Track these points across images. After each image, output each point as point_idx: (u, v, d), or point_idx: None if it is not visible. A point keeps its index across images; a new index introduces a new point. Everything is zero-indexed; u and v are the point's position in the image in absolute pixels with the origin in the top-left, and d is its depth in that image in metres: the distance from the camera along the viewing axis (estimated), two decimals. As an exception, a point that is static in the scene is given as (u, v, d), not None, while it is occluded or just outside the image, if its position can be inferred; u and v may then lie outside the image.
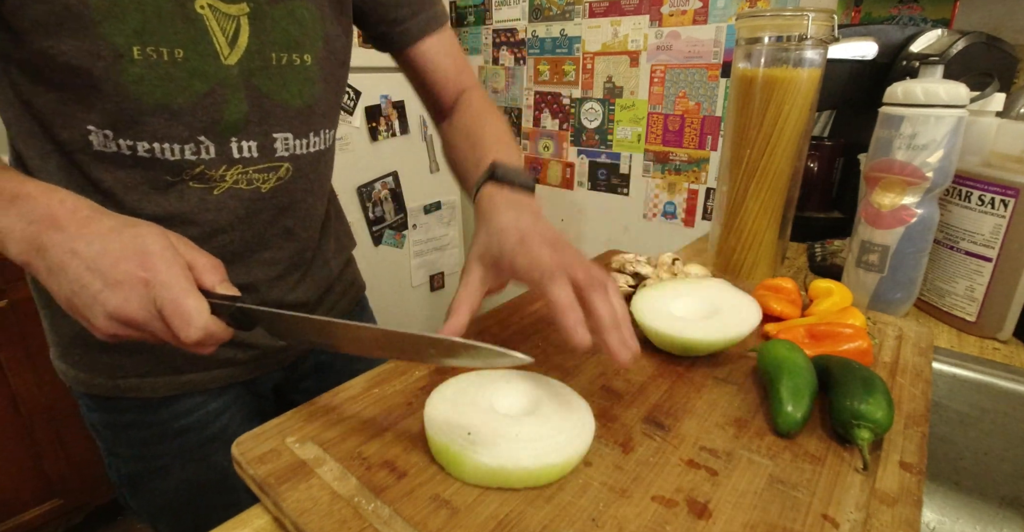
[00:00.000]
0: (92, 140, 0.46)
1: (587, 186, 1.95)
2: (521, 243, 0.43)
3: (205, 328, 0.35)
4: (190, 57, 0.45)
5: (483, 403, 0.40)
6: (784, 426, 0.41)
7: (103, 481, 1.42)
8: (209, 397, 0.60)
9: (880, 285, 0.64)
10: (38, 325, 1.25)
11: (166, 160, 0.48)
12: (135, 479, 0.61)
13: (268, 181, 0.53)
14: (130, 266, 0.34)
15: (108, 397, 0.57)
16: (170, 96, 0.46)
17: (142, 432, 0.59)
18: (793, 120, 0.65)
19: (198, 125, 0.48)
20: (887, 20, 1.17)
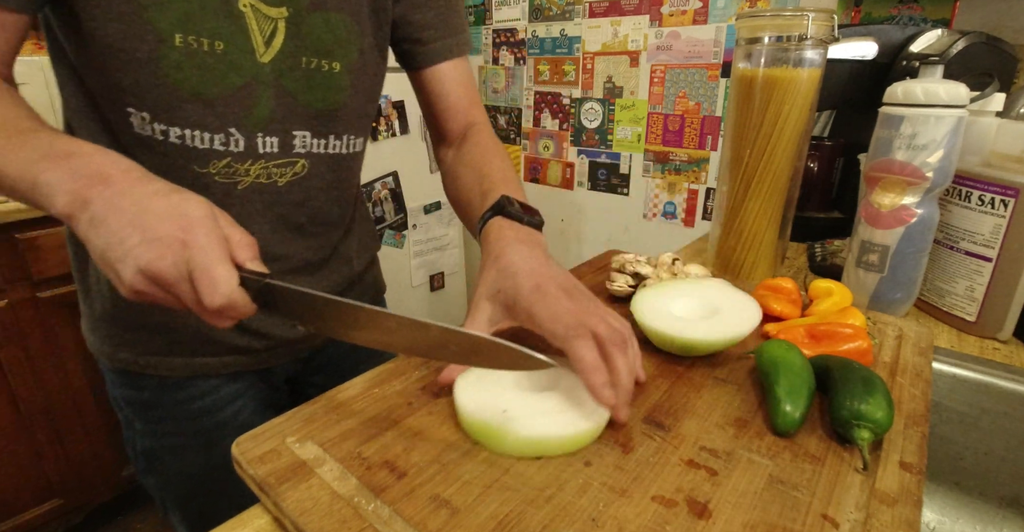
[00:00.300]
0: (132, 122, 0.48)
1: (587, 186, 1.95)
2: (538, 290, 0.43)
3: (230, 297, 0.35)
4: (229, 51, 0.48)
5: (507, 383, 0.43)
6: (783, 426, 0.41)
7: (103, 481, 1.42)
8: (223, 382, 0.62)
9: (880, 285, 0.64)
10: (38, 325, 1.25)
11: (195, 148, 0.50)
12: (149, 455, 0.64)
13: (284, 176, 0.55)
14: (170, 227, 0.35)
15: (130, 373, 0.60)
16: (206, 85, 0.48)
17: (159, 411, 0.62)
18: (793, 120, 0.65)
19: (230, 117, 0.50)
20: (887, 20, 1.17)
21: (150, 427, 0.63)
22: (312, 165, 0.57)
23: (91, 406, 1.35)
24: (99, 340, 0.60)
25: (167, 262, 0.35)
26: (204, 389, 0.62)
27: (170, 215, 0.36)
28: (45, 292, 1.23)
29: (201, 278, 0.35)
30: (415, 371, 0.49)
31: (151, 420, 0.63)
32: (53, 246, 1.22)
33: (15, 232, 1.17)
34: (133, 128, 0.49)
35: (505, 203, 0.53)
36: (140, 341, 0.58)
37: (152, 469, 0.65)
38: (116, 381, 0.63)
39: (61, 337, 1.27)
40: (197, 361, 0.60)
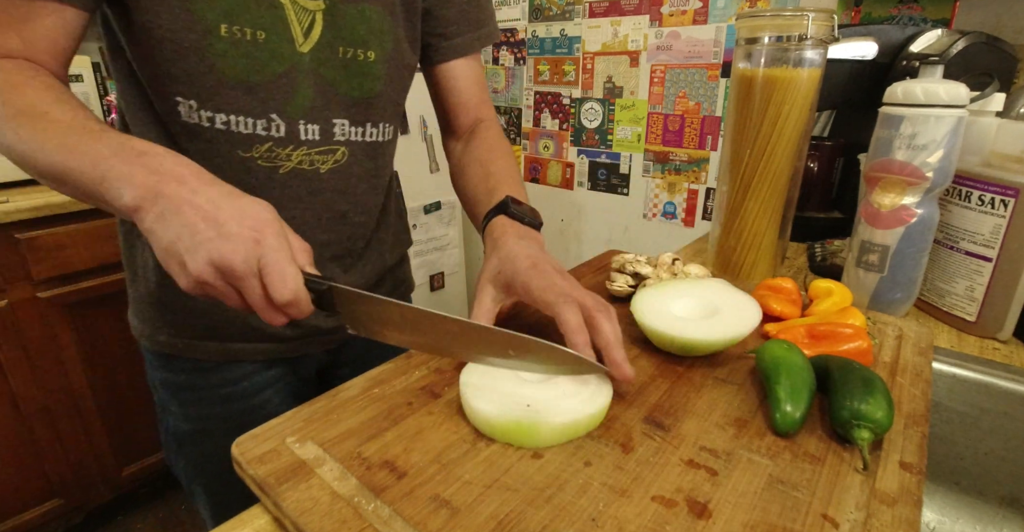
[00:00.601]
0: (180, 110, 0.51)
1: (587, 186, 1.95)
2: (534, 267, 0.48)
3: (296, 293, 0.38)
4: (270, 39, 0.51)
5: (511, 381, 0.43)
6: (783, 426, 0.41)
7: (103, 481, 1.42)
8: (256, 369, 0.65)
9: (880, 285, 0.64)
10: (38, 325, 1.25)
11: (239, 133, 0.53)
12: (180, 438, 0.67)
13: (326, 163, 0.58)
14: (243, 225, 0.38)
15: (168, 355, 0.63)
16: (249, 73, 0.51)
17: (193, 394, 0.65)
18: (793, 120, 0.65)
19: (271, 103, 0.53)
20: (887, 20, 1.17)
21: (183, 410, 0.66)
22: (351, 153, 0.60)
23: (91, 406, 1.35)
24: (141, 323, 0.63)
25: (239, 257, 0.37)
26: (238, 374, 0.64)
27: (243, 215, 0.38)
28: (45, 292, 1.23)
29: (272, 274, 0.37)
30: (415, 371, 0.49)
31: (185, 403, 0.66)
32: (53, 246, 1.22)
33: (15, 232, 1.17)
34: (180, 116, 0.52)
35: (509, 203, 0.57)
36: (178, 324, 0.61)
37: (182, 451, 0.68)
38: (155, 363, 0.66)
39: (61, 337, 1.27)
40: (231, 346, 0.62)
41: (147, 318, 0.63)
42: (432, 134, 1.87)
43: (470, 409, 0.41)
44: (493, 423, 0.40)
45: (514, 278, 0.49)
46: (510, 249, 0.51)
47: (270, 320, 0.40)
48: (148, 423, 1.47)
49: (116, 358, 1.38)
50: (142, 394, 1.44)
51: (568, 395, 0.42)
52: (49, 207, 1.19)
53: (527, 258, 0.50)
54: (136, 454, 1.47)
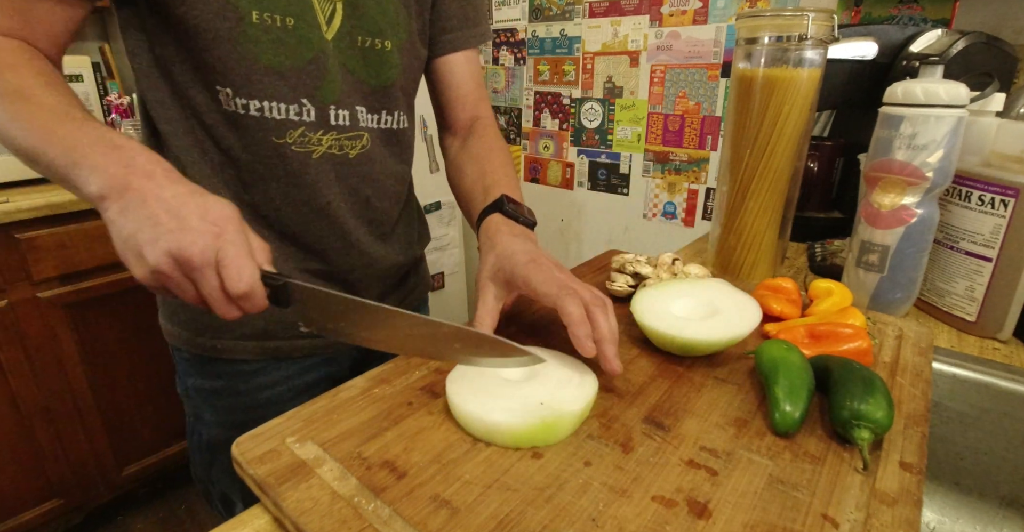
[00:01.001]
0: (222, 99, 0.53)
1: (587, 186, 1.95)
2: (533, 262, 0.49)
3: (251, 286, 0.39)
4: (299, 26, 0.52)
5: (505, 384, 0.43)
6: (782, 426, 0.41)
7: (103, 481, 1.42)
8: (295, 373, 0.66)
9: (880, 285, 0.64)
10: (38, 325, 1.25)
11: (272, 118, 0.54)
12: (216, 447, 0.67)
13: (355, 148, 0.60)
14: (206, 220, 0.39)
15: (206, 359, 0.63)
16: (279, 58, 0.52)
17: (232, 399, 0.65)
18: (793, 120, 0.65)
19: (301, 88, 0.54)
20: (887, 20, 1.17)
21: (219, 417, 0.66)
22: (373, 139, 0.61)
23: (91, 406, 1.35)
24: (175, 326, 0.63)
25: (197, 248, 0.38)
26: (277, 378, 0.65)
27: (205, 211, 0.39)
28: (45, 292, 1.23)
29: (228, 266, 0.38)
30: (415, 371, 0.49)
31: (222, 409, 0.66)
32: (53, 246, 1.22)
33: (15, 232, 1.17)
34: (222, 105, 0.53)
35: (504, 201, 0.58)
36: (218, 325, 0.62)
37: (216, 460, 0.68)
38: (190, 370, 0.65)
39: (61, 337, 1.27)
40: (271, 344, 0.63)
41: (183, 321, 0.63)
42: (432, 134, 1.86)
43: (490, 426, 0.39)
44: (518, 429, 0.39)
45: (514, 273, 0.50)
46: (506, 246, 0.52)
47: (223, 313, 0.40)
48: (148, 423, 1.47)
49: (116, 358, 1.38)
50: (142, 394, 1.44)
51: (565, 383, 0.42)
52: (49, 207, 1.19)
53: (525, 254, 0.51)
54: (136, 454, 1.47)
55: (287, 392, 0.66)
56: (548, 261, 0.50)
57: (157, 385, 1.46)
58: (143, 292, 1.39)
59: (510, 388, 0.43)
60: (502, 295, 0.52)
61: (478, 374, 0.44)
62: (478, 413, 0.40)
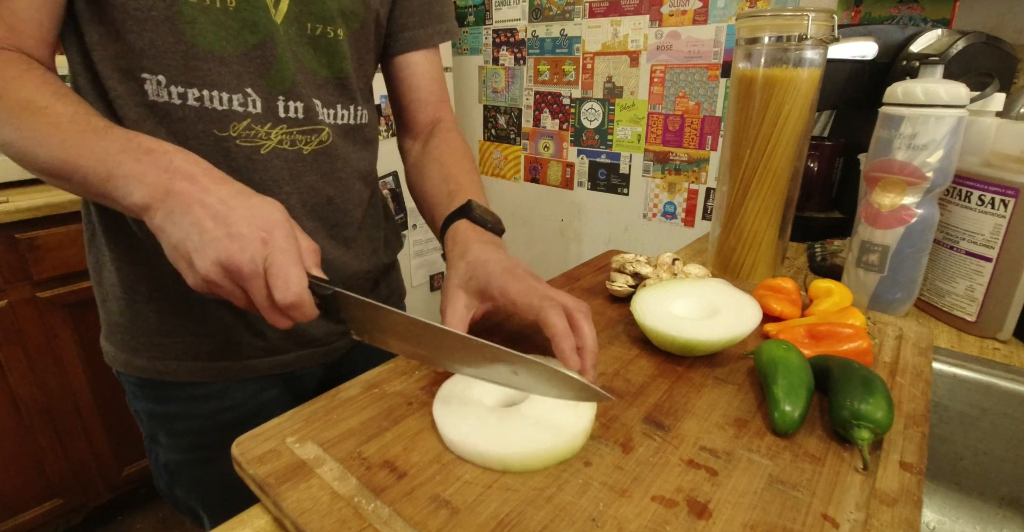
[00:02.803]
0: (147, 89, 0.48)
1: (587, 186, 1.95)
2: (509, 272, 0.47)
3: (300, 295, 0.37)
4: (241, 8, 0.48)
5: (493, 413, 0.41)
6: (782, 425, 0.41)
7: (103, 481, 1.42)
8: (254, 392, 0.62)
9: (880, 285, 0.64)
10: (38, 325, 1.25)
11: (214, 109, 0.50)
12: (174, 469, 0.63)
13: (310, 143, 0.56)
14: (252, 226, 0.37)
15: (152, 383, 0.59)
16: (220, 43, 0.48)
17: (189, 423, 0.61)
18: (793, 120, 0.65)
19: (246, 76, 0.50)
20: (887, 20, 1.17)
21: (175, 440, 0.62)
22: (333, 134, 0.58)
23: (91, 406, 1.35)
24: (115, 348, 0.59)
25: (246, 256, 0.37)
26: (236, 399, 0.61)
27: (252, 215, 0.38)
28: (45, 292, 1.23)
29: (277, 275, 0.37)
30: (415, 371, 0.49)
31: (177, 433, 0.61)
32: (53, 246, 1.22)
33: (15, 232, 1.17)
34: (148, 96, 0.49)
35: (471, 207, 0.55)
36: (157, 345, 0.57)
37: (177, 482, 0.64)
38: (137, 394, 0.61)
39: (61, 337, 1.27)
40: (219, 365, 0.59)
41: (121, 342, 0.58)
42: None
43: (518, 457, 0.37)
44: (546, 457, 0.38)
45: (489, 283, 0.47)
46: (477, 254, 0.50)
47: (275, 322, 0.39)
48: (148, 423, 1.47)
49: (116, 358, 1.38)
50: (142, 394, 1.44)
51: (560, 404, 0.41)
52: (49, 207, 1.19)
53: (499, 263, 0.48)
54: (136, 454, 1.47)
55: (252, 409, 0.61)
56: (524, 270, 0.48)
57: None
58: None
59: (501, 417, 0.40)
60: (473, 305, 0.49)
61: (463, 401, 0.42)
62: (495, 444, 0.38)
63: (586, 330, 0.44)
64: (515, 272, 0.47)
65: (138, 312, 0.57)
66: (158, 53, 0.47)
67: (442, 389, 0.44)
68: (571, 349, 0.43)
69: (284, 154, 0.54)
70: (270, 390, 0.63)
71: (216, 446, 0.60)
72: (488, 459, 0.37)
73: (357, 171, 0.62)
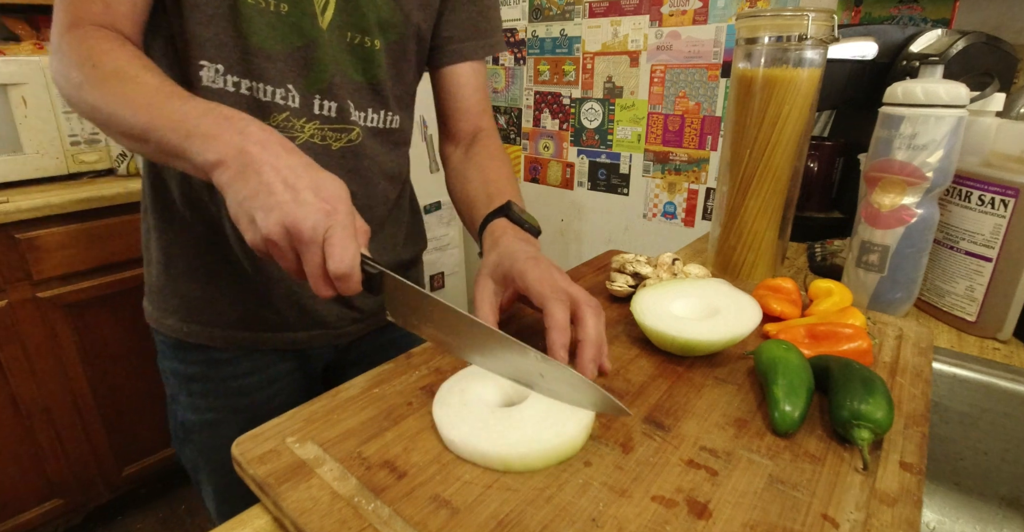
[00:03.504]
0: (203, 75, 0.54)
1: (587, 186, 1.95)
2: (533, 260, 0.49)
3: (352, 268, 0.39)
4: (291, 13, 0.54)
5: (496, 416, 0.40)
6: (782, 425, 0.41)
7: (103, 481, 1.42)
8: (267, 364, 0.67)
9: (880, 285, 0.64)
10: (38, 325, 1.25)
11: (260, 100, 0.56)
12: (189, 428, 0.69)
13: (339, 141, 0.60)
14: (320, 196, 0.40)
15: (179, 343, 0.65)
16: (270, 42, 0.54)
17: (204, 385, 0.67)
18: (793, 120, 0.65)
19: (288, 74, 0.56)
20: (887, 20, 1.17)
21: (192, 400, 0.67)
22: (364, 135, 0.62)
23: (91, 406, 1.35)
24: (153, 307, 0.66)
25: (309, 223, 0.38)
26: (248, 368, 0.66)
27: (319, 187, 0.40)
28: (45, 292, 1.23)
29: (335, 245, 0.39)
30: (415, 371, 0.49)
31: (194, 393, 0.67)
32: (53, 246, 1.22)
33: (15, 232, 1.17)
34: (203, 81, 0.54)
35: (510, 207, 0.58)
36: (184, 309, 0.63)
37: (189, 440, 0.69)
38: (166, 353, 0.67)
39: (61, 337, 1.27)
40: (235, 334, 0.64)
41: (157, 302, 0.65)
42: (432, 134, 1.86)
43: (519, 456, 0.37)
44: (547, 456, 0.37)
45: (512, 268, 0.49)
46: (509, 245, 0.52)
47: (318, 290, 0.41)
48: (148, 423, 1.47)
49: (116, 358, 1.38)
50: (142, 394, 1.44)
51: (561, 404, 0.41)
52: (49, 207, 1.19)
53: (526, 253, 0.50)
54: (136, 454, 1.47)
55: (259, 381, 0.67)
56: (548, 262, 0.50)
57: (157, 385, 1.45)
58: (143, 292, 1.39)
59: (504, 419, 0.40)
60: (500, 291, 0.52)
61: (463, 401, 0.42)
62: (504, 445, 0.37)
63: (590, 323, 0.44)
64: (539, 260, 0.49)
65: (172, 278, 0.63)
66: (220, 45, 0.53)
67: (442, 389, 0.44)
68: (562, 345, 0.43)
69: (314, 147, 0.59)
70: (280, 365, 0.68)
71: (225, 410, 0.67)
72: (490, 459, 0.37)
73: (383, 171, 0.66)
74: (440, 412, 0.41)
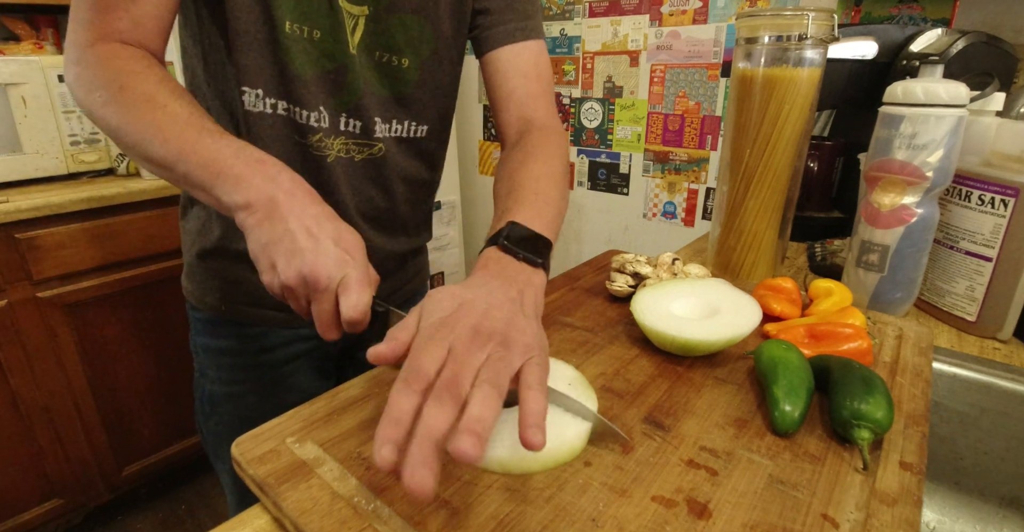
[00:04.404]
0: (245, 100, 0.56)
1: (587, 186, 1.95)
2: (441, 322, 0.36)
3: (365, 313, 0.40)
4: (324, 39, 0.56)
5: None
6: (782, 425, 0.41)
7: (103, 481, 1.42)
8: (289, 340, 0.70)
9: (880, 285, 0.64)
10: (38, 325, 1.25)
11: (297, 122, 0.58)
12: (215, 400, 0.72)
13: (362, 153, 0.63)
14: (339, 246, 0.41)
15: (214, 320, 0.68)
16: (304, 67, 0.56)
17: (233, 358, 0.70)
18: (793, 120, 0.65)
19: (320, 97, 0.58)
20: (887, 20, 1.17)
21: (220, 373, 0.70)
22: (388, 147, 0.64)
23: (91, 406, 1.35)
24: (192, 285, 0.68)
25: (327, 272, 0.39)
26: (274, 342, 0.69)
27: (339, 237, 0.42)
28: (45, 292, 1.23)
29: (350, 292, 0.39)
30: (415, 371, 0.49)
31: (223, 367, 0.70)
32: (53, 246, 1.22)
33: (15, 232, 1.17)
34: (244, 105, 0.56)
35: (507, 232, 0.47)
36: (225, 288, 0.66)
37: (214, 413, 0.72)
38: (200, 328, 0.70)
39: (61, 337, 1.27)
40: (272, 314, 0.67)
41: (197, 281, 0.68)
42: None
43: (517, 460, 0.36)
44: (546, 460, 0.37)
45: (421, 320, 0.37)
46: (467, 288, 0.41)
47: (325, 333, 0.42)
48: (148, 423, 1.47)
49: (116, 358, 1.38)
50: (142, 394, 1.44)
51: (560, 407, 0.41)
52: (49, 207, 1.19)
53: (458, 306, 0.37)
54: (136, 454, 1.47)
55: (282, 357, 0.70)
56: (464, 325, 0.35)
57: (157, 385, 1.46)
58: (143, 292, 1.39)
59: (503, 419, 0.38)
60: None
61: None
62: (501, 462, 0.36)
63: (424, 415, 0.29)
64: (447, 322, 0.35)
65: (212, 259, 0.66)
66: (259, 70, 0.55)
67: None
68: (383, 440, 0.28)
69: (341, 161, 0.61)
70: (300, 343, 0.71)
71: (250, 382, 0.71)
72: (488, 462, 0.37)
73: (406, 177, 0.68)
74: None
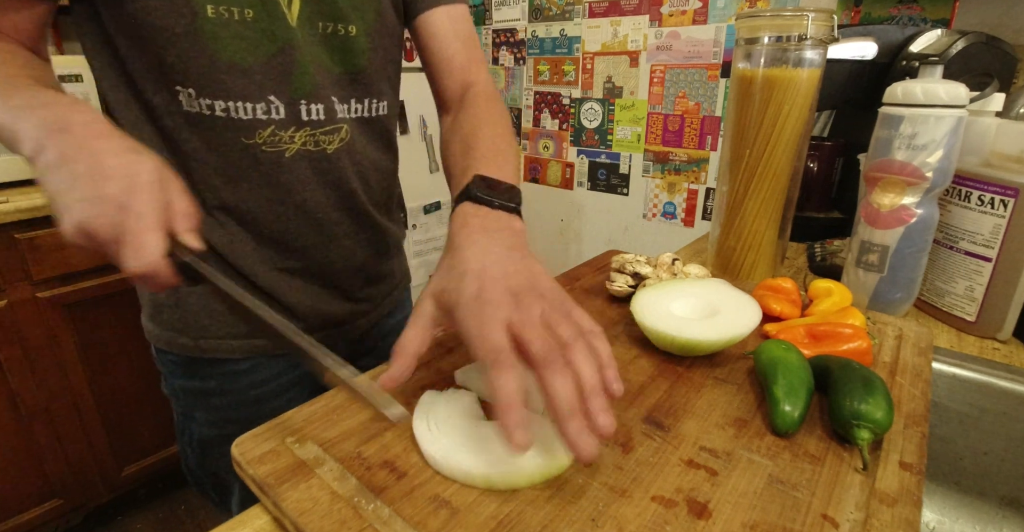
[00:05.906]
0: (182, 100, 0.51)
1: (587, 186, 1.95)
2: (477, 299, 0.37)
3: (151, 266, 0.36)
4: (259, 18, 0.50)
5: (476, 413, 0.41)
6: (782, 425, 0.41)
7: (103, 481, 1.42)
8: (282, 371, 0.65)
9: (880, 285, 0.64)
10: (38, 325, 1.25)
11: (239, 119, 0.52)
12: (206, 444, 0.66)
13: (332, 143, 0.57)
14: (114, 188, 0.36)
15: (192, 360, 0.62)
16: (242, 54, 0.50)
17: (223, 398, 0.64)
18: (793, 120, 0.65)
19: (268, 85, 0.52)
20: (887, 20, 1.17)
21: (210, 415, 0.65)
22: (351, 130, 0.58)
23: (91, 406, 1.35)
24: (158, 327, 0.62)
25: (102, 222, 0.36)
26: (266, 376, 0.64)
27: (116, 175, 0.36)
28: (45, 292, 1.23)
29: (127, 244, 0.36)
30: (416, 371, 0.49)
31: (212, 408, 0.65)
32: (53, 246, 1.22)
33: (15, 232, 1.17)
34: (183, 107, 0.51)
35: (476, 185, 0.46)
36: (201, 325, 0.60)
37: (208, 458, 0.67)
38: (176, 372, 0.64)
39: (61, 337, 1.27)
40: (253, 342, 0.62)
41: (166, 322, 0.61)
42: (432, 134, 1.86)
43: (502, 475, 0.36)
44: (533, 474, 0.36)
45: (456, 308, 0.38)
46: (463, 255, 0.40)
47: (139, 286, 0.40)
48: (148, 423, 1.47)
49: (116, 358, 1.38)
50: (142, 394, 1.44)
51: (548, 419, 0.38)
52: (49, 207, 1.18)
53: (476, 277, 0.38)
54: (136, 454, 1.47)
55: (276, 388, 0.65)
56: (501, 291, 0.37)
57: (157, 385, 1.45)
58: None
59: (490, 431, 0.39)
60: (440, 321, 0.41)
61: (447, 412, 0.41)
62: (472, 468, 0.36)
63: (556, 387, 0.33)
64: (485, 297, 0.37)
65: (184, 295, 0.59)
66: (185, 67, 0.49)
67: (422, 400, 0.43)
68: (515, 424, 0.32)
69: (309, 155, 0.56)
70: (296, 369, 0.66)
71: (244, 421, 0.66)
72: (473, 477, 0.36)
73: (375, 163, 0.63)
74: (421, 426, 0.40)
